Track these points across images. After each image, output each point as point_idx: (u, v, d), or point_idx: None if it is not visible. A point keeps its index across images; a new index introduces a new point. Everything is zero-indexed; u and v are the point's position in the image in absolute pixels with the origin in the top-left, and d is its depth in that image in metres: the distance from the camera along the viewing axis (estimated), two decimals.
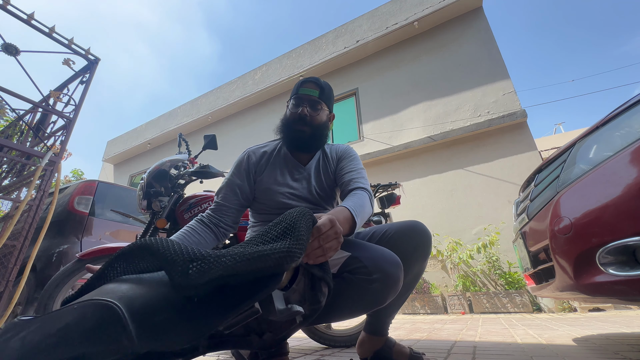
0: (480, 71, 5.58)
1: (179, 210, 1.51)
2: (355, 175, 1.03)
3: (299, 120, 1.05)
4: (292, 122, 1.06)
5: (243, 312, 0.54)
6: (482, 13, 5.96)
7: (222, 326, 0.55)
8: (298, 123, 1.05)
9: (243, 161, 1.09)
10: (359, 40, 6.94)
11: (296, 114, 1.05)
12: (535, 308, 3.83)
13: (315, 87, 1.07)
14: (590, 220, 0.98)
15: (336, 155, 1.14)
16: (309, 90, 1.06)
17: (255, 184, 1.08)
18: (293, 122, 1.06)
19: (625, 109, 1.08)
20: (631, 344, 1.40)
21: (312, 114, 1.05)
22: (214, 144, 1.63)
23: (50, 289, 1.41)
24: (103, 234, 2.58)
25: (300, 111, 1.04)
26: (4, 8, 1.94)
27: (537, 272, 1.37)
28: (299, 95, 1.06)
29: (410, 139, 5.84)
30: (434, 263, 4.92)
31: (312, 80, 1.08)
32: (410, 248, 0.91)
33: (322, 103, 1.07)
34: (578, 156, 1.18)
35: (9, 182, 2.21)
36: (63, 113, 2.16)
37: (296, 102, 1.06)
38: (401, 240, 0.92)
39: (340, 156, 1.13)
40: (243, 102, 8.66)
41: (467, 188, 5.08)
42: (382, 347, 1.02)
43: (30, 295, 2.17)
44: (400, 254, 0.88)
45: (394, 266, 0.79)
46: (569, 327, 2.12)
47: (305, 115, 1.04)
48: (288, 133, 1.08)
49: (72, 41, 2.21)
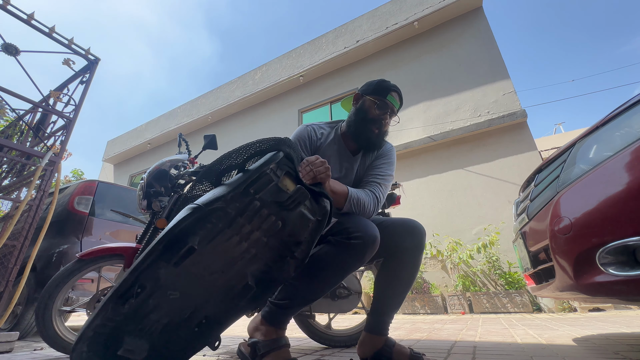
0: (480, 71, 5.58)
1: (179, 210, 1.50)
2: (379, 180, 1.12)
3: (377, 122, 1.12)
4: (371, 122, 1.12)
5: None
6: (482, 13, 5.96)
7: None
8: (375, 124, 1.12)
9: (305, 133, 1.15)
10: (359, 40, 6.94)
11: (377, 117, 1.11)
12: (535, 308, 3.83)
13: (399, 99, 1.14)
14: (590, 220, 0.98)
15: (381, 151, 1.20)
16: (395, 101, 1.13)
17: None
18: (371, 122, 1.12)
19: (625, 109, 1.08)
20: (631, 344, 1.40)
21: (387, 123, 1.14)
22: (214, 144, 1.63)
23: (50, 289, 1.41)
24: (103, 234, 2.58)
25: (383, 116, 1.12)
26: (4, 8, 1.94)
27: (537, 272, 1.37)
28: (386, 102, 1.11)
29: (410, 139, 5.84)
30: (434, 263, 4.92)
31: (399, 93, 1.15)
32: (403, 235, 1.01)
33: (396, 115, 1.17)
34: (578, 156, 1.18)
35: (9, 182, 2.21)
36: (63, 113, 2.16)
37: (382, 106, 1.11)
38: (395, 229, 1.02)
39: (381, 154, 1.20)
40: (243, 102, 8.67)
41: (467, 188, 5.08)
42: (383, 347, 1.02)
43: (30, 295, 2.17)
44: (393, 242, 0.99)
45: (372, 228, 0.91)
46: (569, 327, 2.12)
47: (385, 122, 1.12)
48: (361, 128, 1.13)
49: (72, 41, 2.21)
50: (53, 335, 1.39)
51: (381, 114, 1.11)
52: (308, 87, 7.81)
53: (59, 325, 1.42)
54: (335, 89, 7.31)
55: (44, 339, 1.38)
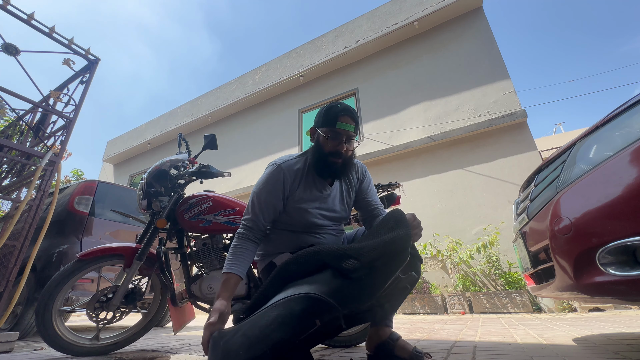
0: (480, 71, 5.58)
1: (179, 210, 1.51)
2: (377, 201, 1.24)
3: (335, 154, 1.09)
4: (329, 155, 1.09)
5: (392, 281, 0.84)
6: (482, 13, 5.96)
7: (383, 292, 0.85)
8: (334, 156, 1.09)
9: (279, 180, 1.11)
10: (359, 40, 6.94)
11: (333, 149, 1.08)
12: (535, 308, 3.83)
13: (351, 121, 1.08)
14: (591, 220, 0.98)
15: (359, 175, 1.24)
16: (347, 125, 1.07)
17: (287, 200, 1.13)
18: (330, 155, 1.09)
19: (625, 109, 1.08)
20: (631, 344, 1.40)
21: (348, 148, 1.09)
22: (214, 144, 1.63)
23: (50, 289, 1.41)
24: (103, 234, 2.59)
25: (339, 147, 1.08)
26: (4, 8, 1.94)
27: (537, 272, 1.36)
28: (337, 131, 1.07)
29: (410, 139, 5.84)
30: (434, 263, 4.92)
31: (349, 114, 1.08)
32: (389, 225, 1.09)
33: (356, 136, 1.12)
34: (578, 156, 1.18)
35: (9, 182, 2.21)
36: (63, 113, 2.16)
37: (334, 136, 1.08)
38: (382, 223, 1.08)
39: (362, 177, 1.24)
40: (243, 102, 8.66)
41: (467, 188, 5.08)
42: (386, 339, 1.03)
43: (30, 295, 2.17)
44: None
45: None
46: (569, 327, 2.12)
47: (343, 151, 1.08)
48: (322, 164, 1.11)
49: (72, 41, 2.21)
50: (53, 335, 1.39)
51: (336, 144, 1.08)
52: (308, 87, 7.81)
53: (59, 325, 1.42)
54: (335, 89, 7.31)
55: (44, 339, 1.38)
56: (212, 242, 1.50)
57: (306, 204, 1.12)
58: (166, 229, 1.55)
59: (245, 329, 0.75)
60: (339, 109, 1.09)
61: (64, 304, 1.52)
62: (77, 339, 1.45)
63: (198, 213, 1.47)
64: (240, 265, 1.02)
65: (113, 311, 1.48)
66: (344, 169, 1.13)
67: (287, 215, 1.14)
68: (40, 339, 2.19)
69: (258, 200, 1.11)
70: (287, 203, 1.13)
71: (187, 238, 1.57)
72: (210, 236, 1.51)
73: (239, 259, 1.03)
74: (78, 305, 1.55)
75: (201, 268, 1.50)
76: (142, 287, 1.57)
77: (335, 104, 1.11)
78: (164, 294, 1.69)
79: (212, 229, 1.47)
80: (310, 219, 1.11)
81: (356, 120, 1.10)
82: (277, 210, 1.12)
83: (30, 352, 1.62)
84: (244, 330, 0.75)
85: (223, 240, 1.54)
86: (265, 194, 1.10)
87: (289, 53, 8.23)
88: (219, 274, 1.43)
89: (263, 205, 1.10)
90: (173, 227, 1.55)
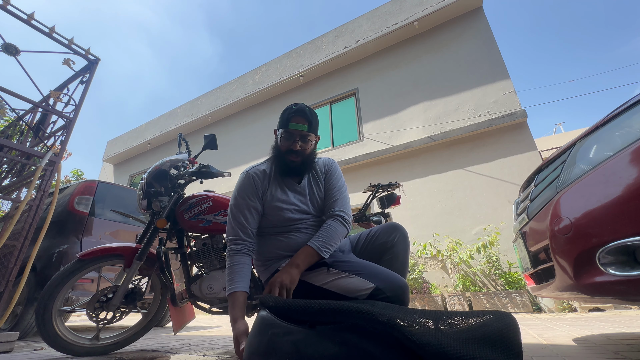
0: (480, 71, 5.58)
1: (179, 210, 1.51)
2: (337, 195, 1.18)
3: (290, 153, 1.15)
4: (285, 154, 1.16)
5: None
6: (482, 13, 5.96)
7: None
8: (290, 155, 1.15)
9: (251, 183, 1.16)
10: (359, 40, 6.94)
11: (287, 148, 1.15)
12: (535, 308, 3.83)
13: (304, 121, 1.13)
14: (591, 220, 0.98)
15: (324, 169, 1.25)
16: (299, 125, 1.13)
17: (263, 200, 1.16)
18: (286, 154, 1.16)
19: (625, 109, 1.08)
20: (631, 344, 1.40)
21: (303, 147, 1.15)
22: (214, 144, 1.63)
23: (50, 289, 1.41)
24: (103, 234, 2.58)
25: (292, 146, 1.14)
26: (4, 8, 1.94)
27: (537, 272, 1.36)
28: (289, 131, 1.13)
29: (410, 139, 5.84)
30: (434, 263, 4.92)
31: (301, 115, 1.13)
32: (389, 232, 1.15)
33: (311, 135, 1.16)
34: (578, 156, 1.18)
35: (9, 182, 2.21)
36: (63, 113, 2.16)
37: (287, 136, 1.15)
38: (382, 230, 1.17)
39: (327, 171, 1.25)
40: (243, 102, 8.67)
41: (467, 188, 5.08)
42: None
43: (30, 295, 2.17)
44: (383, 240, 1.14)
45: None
46: (569, 327, 2.12)
47: (297, 150, 1.14)
48: (281, 163, 1.17)
49: (72, 41, 2.21)
50: (53, 335, 1.39)
51: (290, 144, 1.14)
52: (308, 87, 7.81)
53: (59, 325, 1.42)
54: (335, 89, 7.31)
55: (44, 339, 1.38)
56: (212, 242, 1.50)
57: (279, 202, 1.14)
58: (166, 229, 1.55)
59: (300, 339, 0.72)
60: (292, 110, 1.14)
61: (64, 304, 1.52)
62: (77, 339, 1.45)
63: (198, 213, 1.47)
64: (242, 282, 1.04)
65: (113, 311, 1.48)
66: (303, 167, 1.17)
67: (266, 218, 1.17)
68: (40, 339, 2.19)
69: (238, 209, 1.14)
70: (264, 204, 1.16)
71: (187, 238, 1.57)
72: (210, 236, 1.51)
73: (238, 276, 1.05)
74: (78, 305, 1.55)
75: (201, 268, 1.50)
76: (142, 287, 1.56)
77: (291, 106, 1.17)
78: (164, 294, 1.69)
79: (212, 229, 1.47)
80: (286, 215, 1.14)
81: (309, 119, 1.14)
82: (259, 212, 1.15)
83: (30, 352, 1.62)
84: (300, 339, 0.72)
85: (223, 240, 1.54)
86: (241, 200, 1.15)
87: (289, 53, 8.23)
88: (219, 274, 1.43)
89: (244, 211, 1.13)
90: (173, 227, 1.55)
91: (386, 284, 0.93)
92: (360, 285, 0.93)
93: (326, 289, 0.98)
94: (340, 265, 1.01)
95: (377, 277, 0.95)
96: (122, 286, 1.47)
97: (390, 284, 0.93)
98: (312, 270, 1.03)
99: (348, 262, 1.02)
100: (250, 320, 1.12)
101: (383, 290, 0.91)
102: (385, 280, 0.94)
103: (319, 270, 1.02)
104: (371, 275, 0.95)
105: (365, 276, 0.95)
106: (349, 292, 0.95)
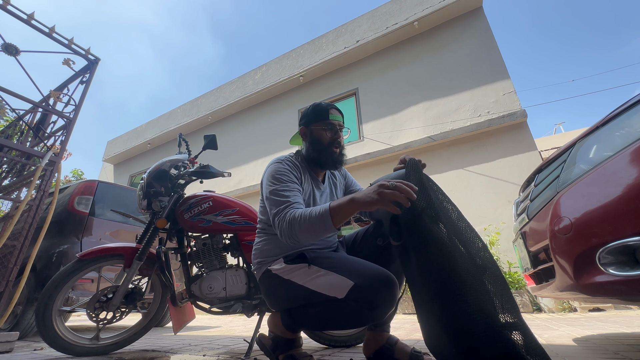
0: (480, 71, 5.58)
1: (179, 210, 1.51)
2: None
3: (335, 143, 1.17)
4: (330, 146, 1.16)
5: None
6: (482, 13, 5.96)
7: None
8: (334, 145, 1.17)
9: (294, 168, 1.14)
10: (359, 40, 6.93)
11: (332, 139, 1.17)
12: (535, 308, 3.83)
13: (340, 114, 1.20)
14: (591, 220, 0.98)
15: (341, 171, 1.33)
16: (338, 117, 1.18)
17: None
18: (330, 145, 1.16)
19: (625, 109, 1.08)
20: (631, 344, 1.40)
21: (342, 138, 1.20)
22: (214, 144, 1.63)
23: (50, 289, 1.41)
24: (103, 234, 2.58)
25: (336, 136, 1.17)
26: (4, 8, 1.94)
27: (537, 272, 1.36)
28: (332, 122, 1.16)
29: (410, 139, 5.84)
30: None
31: (336, 108, 1.19)
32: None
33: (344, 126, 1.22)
34: (578, 156, 1.18)
35: (9, 182, 2.21)
36: (63, 113, 2.16)
37: (331, 128, 1.17)
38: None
39: (344, 173, 1.35)
40: (243, 102, 8.66)
41: (467, 188, 5.08)
42: (385, 344, 1.03)
43: (30, 295, 2.17)
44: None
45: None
46: (569, 327, 2.12)
47: (340, 140, 1.18)
48: (326, 155, 1.16)
49: (72, 41, 2.21)
50: (53, 335, 1.39)
51: (333, 134, 1.17)
52: (308, 87, 7.81)
53: (59, 325, 1.42)
54: (335, 89, 7.31)
55: (44, 339, 1.38)
56: (212, 242, 1.50)
57: (310, 200, 1.12)
58: (166, 229, 1.55)
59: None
60: (327, 104, 1.19)
61: (64, 304, 1.52)
62: (77, 339, 1.45)
63: (198, 213, 1.47)
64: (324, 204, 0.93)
65: (113, 311, 1.48)
66: (340, 159, 1.19)
67: None
68: (40, 339, 2.19)
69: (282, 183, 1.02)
70: None
71: (187, 238, 1.57)
72: (210, 236, 1.51)
73: (317, 206, 0.93)
74: (78, 305, 1.55)
75: (201, 268, 1.50)
76: (142, 287, 1.57)
77: (319, 103, 1.20)
78: (164, 294, 1.69)
79: (212, 229, 1.47)
80: None
81: (341, 111, 1.22)
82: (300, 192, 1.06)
83: (30, 352, 1.62)
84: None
85: (223, 240, 1.54)
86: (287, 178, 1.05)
87: (289, 53, 8.23)
88: (219, 274, 1.43)
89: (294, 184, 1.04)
90: (173, 227, 1.55)
91: (366, 281, 0.86)
92: (339, 283, 0.88)
93: (308, 288, 0.94)
94: (321, 261, 0.96)
95: (357, 274, 0.88)
96: (122, 286, 1.48)
97: (372, 280, 0.86)
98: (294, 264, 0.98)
99: (328, 258, 0.97)
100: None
101: (363, 287, 0.85)
102: (366, 276, 0.87)
103: (301, 267, 0.97)
104: (351, 272, 0.89)
105: (344, 272, 0.90)
106: (328, 290, 0.90)
